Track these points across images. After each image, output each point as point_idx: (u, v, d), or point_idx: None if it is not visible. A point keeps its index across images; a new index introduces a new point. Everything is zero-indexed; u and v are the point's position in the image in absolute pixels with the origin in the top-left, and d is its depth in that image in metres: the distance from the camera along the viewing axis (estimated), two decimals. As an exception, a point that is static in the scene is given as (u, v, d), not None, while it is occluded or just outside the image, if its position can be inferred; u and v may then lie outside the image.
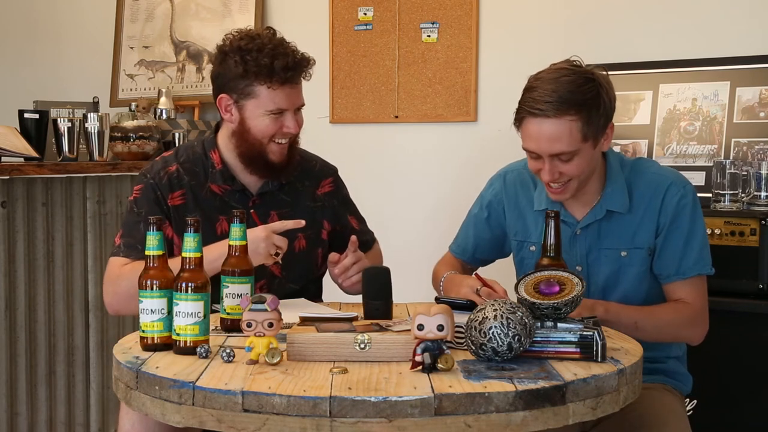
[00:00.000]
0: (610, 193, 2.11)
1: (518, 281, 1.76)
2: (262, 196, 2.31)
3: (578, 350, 1.63)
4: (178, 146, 2.41)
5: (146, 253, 1.72)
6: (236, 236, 1.86)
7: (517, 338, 1.59)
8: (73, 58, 4.49)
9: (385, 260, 2.48)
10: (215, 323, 1.87)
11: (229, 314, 1.85)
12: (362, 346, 1.62)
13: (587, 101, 1.96)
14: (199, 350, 1.65)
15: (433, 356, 1.53)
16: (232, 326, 1.84)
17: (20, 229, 3.00)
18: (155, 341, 1.71)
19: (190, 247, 1.69)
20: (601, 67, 2.06)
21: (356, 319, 1.86)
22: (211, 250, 1.97)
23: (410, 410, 1.40)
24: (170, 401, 1.50)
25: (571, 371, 1.55)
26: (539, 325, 1.66)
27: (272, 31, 2.25)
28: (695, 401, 2.46)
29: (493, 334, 1.58)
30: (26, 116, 3.27)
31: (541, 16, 3.42)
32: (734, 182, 2.75)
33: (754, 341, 2.60)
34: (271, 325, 1.59)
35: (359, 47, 3.74)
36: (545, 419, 1.46)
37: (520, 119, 2.02)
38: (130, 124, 3.50)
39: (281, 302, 1.66)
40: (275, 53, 2.16)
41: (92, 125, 3.28)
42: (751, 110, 2.96)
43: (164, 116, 3.79)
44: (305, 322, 1.79)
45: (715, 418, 2.59)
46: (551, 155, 1.99)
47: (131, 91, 4.23)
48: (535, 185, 2.20)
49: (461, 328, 1.68)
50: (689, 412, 2.32)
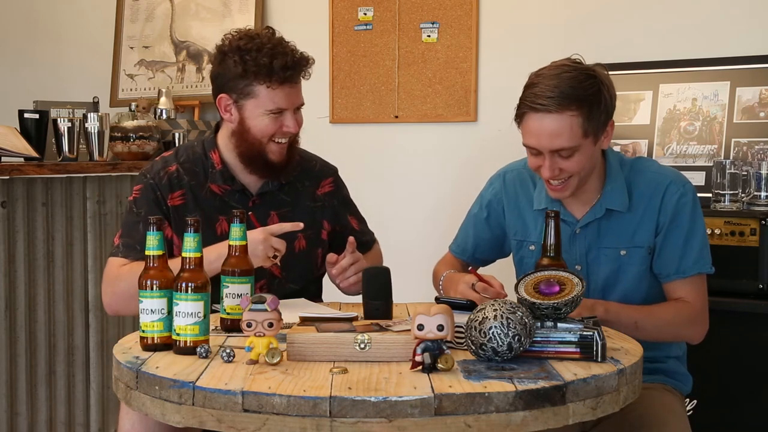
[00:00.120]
0: (609, 191, 2.10)
1: (518, 281, 1.76)
2: (262, 196, 2.31)
3: (578, 350, 1.63)
4: (177, 146, 2.41)
5: (146, 253, 1.72)
6: (236, 236, 1.85)
7: (517, 338, 1.59)
8: (73, 58, 4.49)
9: (385, 260, 2.48)
10: (215, 323, 1.87)
11: (229, 314, 1.85)
12: (362, 346, 1.62)
13: (588, 97, 1.96)
14: (199, 350, 1.65)
15: (433, 356, 1.53)
16: (232, 326, 1.84)
17: (20, 229, 3.00)
18: (155, 341, 1.71)
19: (190, 247, 1.69)
20: (601, 65, 2.06)
21: (356, 319, 1.86)
22: (210, 250, 1.97)
23: (410, 410, 1.40)
24: (170, 401, 1.50)
25: (571, 371, 1.55)
26: (539, 325, 1.66)
27: (271, 30, 2.25)
28: (695, 401, 2.46)
29: (493, 334, 1.58)
30: (26, 116, 3.27)
31: (541, 16, 3.42)
32: (734, 182, 2.75)
33: (754, 341, 2.60)
34: (271, 325, 1.59)
35: (359, 47, 3.74)
36: (545, 419, 1.46)
37: (521, 115, 2.01)
38: (130, 124, 3.50)
39: (281, 302, 1.65)
40: (274, 53, 2.16)
41: (92, 125, 3.28)
42: (751, 110, 2.96)
43: (164, 116, 3.79)
44: (305, 322, 1.79)
45: (715, 418, 2.59)
46: (552, 151, 1.99)
47: (131, 91, 4.23)
48: (534, 185, 2.20)
49: (461, 328, 1.68)
50: (689, 412, 2.32)
